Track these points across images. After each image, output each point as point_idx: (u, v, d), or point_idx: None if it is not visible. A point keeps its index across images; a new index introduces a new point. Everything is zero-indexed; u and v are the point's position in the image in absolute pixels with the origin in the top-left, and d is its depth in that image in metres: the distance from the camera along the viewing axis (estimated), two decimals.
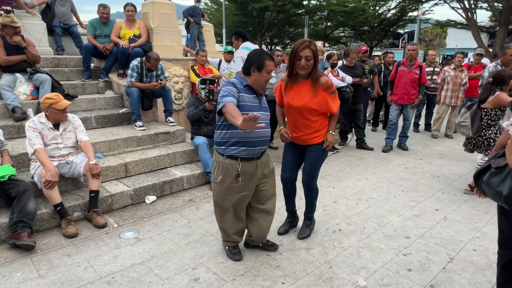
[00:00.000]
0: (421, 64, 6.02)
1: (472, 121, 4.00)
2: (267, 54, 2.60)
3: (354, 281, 2.60)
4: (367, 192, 4.36)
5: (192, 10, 9.31)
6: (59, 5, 6.85)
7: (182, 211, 3.81)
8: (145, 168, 4.37)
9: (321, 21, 26.72)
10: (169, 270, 2.75)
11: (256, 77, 2.58)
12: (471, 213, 3.77)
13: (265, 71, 2.55)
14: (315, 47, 2.74)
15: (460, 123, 4.11)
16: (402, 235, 3.29)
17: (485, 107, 3.93)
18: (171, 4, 6.46)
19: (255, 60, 2.56)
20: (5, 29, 4.50)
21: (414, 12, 23.99)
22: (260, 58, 2.55)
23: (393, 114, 6.22)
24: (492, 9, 16.41)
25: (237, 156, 2.59)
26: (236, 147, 2.58)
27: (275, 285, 2.57)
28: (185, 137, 5.18)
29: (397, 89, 6.10)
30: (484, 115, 3.96)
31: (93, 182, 3.46)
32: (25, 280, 2.61)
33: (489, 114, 3.93)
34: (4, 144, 3.42)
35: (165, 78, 5.24)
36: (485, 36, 26.81)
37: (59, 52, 6.72)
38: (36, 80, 4.70)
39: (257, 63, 2.54)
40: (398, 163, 5.59)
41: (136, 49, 5.70)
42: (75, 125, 3.59)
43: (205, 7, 28.98)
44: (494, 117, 3.94)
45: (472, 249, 3.05)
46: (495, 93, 3.88)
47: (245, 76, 2.64)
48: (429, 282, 2.59)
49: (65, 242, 3.14)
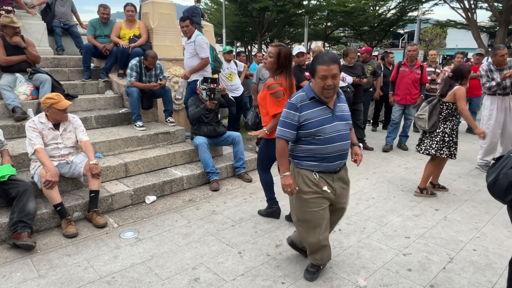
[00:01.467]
0: (422, 64, 6.05)
1: (430, 115, 4.03)
2: (323, 56, 2.22)
3: (354, 281, 2.60)
4: (367, 192, 4.36)
5: (192, 10, 9.31)
6: (59, 5, 6.85)
7: (182, 211, 3.81)
8: (145, 168, 4.37)
9: (321, 21, 26.76)
10: (169, 270, 2.75)
11: (313, 84, 2.30)
12: (471, 213, 3.78)
13: (317, 77, 2.22)
14: (279, 50, 3.03)
15: (418, 116, 4.14)
16: (402, 235, 3.29)
17: (446, 101, 3.99)
18: (171, 4, 6.46)
19: (311, 64, 2.28)
20: (5, 29, 4.50)
21: (414, 12, 24.02)
22: (313, 61, 2.27)
23: (396, 115, 6.23)
24: (492, 9, 16.42)
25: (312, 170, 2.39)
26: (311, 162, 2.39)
27: (275, 285, 2.57)
28: (185, 137, 5.19)
29: (399, 90, 6.10)
30: (445, 108, 4.00)
31: (93, 182, 3.46)
32: (25, 280, 2.61)
33: (450, 108, 3.98)
34: (4, 144, 3.42)
35: (164, 77, 5.25)
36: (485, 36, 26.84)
37: (59, 52, 6.72)
38: (36, 80, 4.70)
39: (311, 68, 2.27)
40: (398, 163, 5.59)
41: (136, 49, 5.70)
42: (75, 125, 3.59)
43: (205, 7, 29.00)
44: (455, 111, 3.99)
45: (472, 249, 3.05)
46: (453, 88, 3.95)
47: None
48: (429, 282, 2.59)
49: (65, 242, 3.15)
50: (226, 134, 4.78)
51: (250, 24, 26.33)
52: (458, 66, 4.11)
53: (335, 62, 2.18)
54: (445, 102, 3.99)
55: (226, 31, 23.35)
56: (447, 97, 3.98)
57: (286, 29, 28.21)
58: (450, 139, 4.01)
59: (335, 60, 2.19)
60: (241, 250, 3.03)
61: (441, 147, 4.02)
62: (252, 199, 4.12)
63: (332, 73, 2.18)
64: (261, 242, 3.15)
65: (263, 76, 5.91)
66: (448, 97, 3.97)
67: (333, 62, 2.17)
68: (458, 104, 3.92)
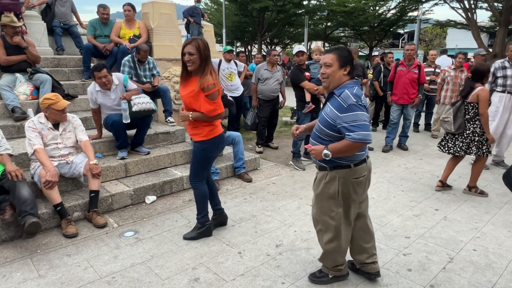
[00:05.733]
0: (419, 64, 6.04)
1: (455, 117, 4.06)
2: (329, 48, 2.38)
3: (354, 281, 2.60)
4: None
5: (192, 10, 9.32)
6: (59, 5, 6.85)
7: (182, 211, 3.81)
8: (145, 168, 4.37)
9: (321, 21, 26.74)
10: (169, 270, 2.75)
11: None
12: (471, 213, 3.78)
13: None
14: (197, 43, 2.76)
15: (443, 119, 4.16)
16: (402, 235, 3.29)
17: (471, 101, 4.01)
18: (171, 4, 6.47)
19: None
20: (4, 29, 4.50)
21: (414, 12, 24.01)
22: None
23: (394, 115, 6.23)
24: (492, 9, 16.42)
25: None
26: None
27: (275, 285, 2.57)
28: (185, 137, 5.19)
29: (397, 89, 6.11)
30: (471, 108, 4.03)
31: (93, 182, 3.46)
32: (25, 280, 2.61)
33: (475, 107, 4.00)
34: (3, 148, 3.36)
35: (158, 73, 5.28)
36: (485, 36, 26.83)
37: (59, 52, 6.72)
38: (36, 80, 4.70)
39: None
40: (398, 163, 5.59)
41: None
42: (75, 125, 3.59)
43: (205, 7, 29.00)
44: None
45: (472, 249, 3.05)
46: (475, 88, 3.97)
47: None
48: (429, 282, 2.59)
49: (65, 242, 3.14)
50: (226, 134, 4.78)
51: (250, 24, 26.33)
52: (476, 66, 4.11)
53: (328, 52, 2.27)
54: (469, 102, 4.01)
55: (226, 31, 23.33)
56: (470, 97, 3.99)
57: (286, 29, 28.21)
58: (481, 138, 4.04)
59: (330, 51, 2.27)
60: (241, 250, 3.02)
61: (471, 146, 4.07)
62: (252, 199, 4.12)
63: (323, 61, 2.27)
64: (261, 242, 3.15)
65: (262, 76, 5.92)
66: (471, 97, 3.98)
67: (327, 52, 2.28)
68: (479, 107, 3.94)
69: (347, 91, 2.15)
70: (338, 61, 2.21)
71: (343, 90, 2.17)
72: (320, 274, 2.60)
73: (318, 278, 2.58)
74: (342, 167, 2.25)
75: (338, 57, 2.21)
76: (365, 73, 6.29)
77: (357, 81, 2.31)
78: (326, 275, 2.57)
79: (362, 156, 2.28)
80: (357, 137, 2.06)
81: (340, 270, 2.54)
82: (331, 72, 2.22)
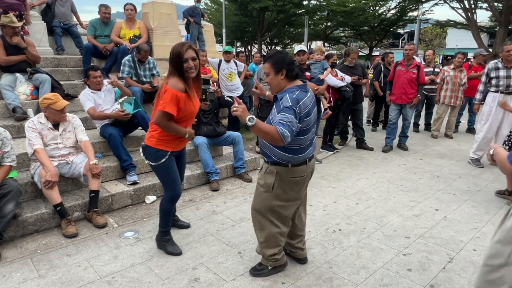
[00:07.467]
0: (418, 64, 6.03)
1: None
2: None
3: (355, 281, 2.61)
4: (367, 192, 4.36)
5: (192, 10, 9.31)
6: (59, 5, 6.85)
7: (182, 211, 3.81)
8: (145, 168, 4.37)
9: (321, 21, 26.77)
10: (169, 270, 2.75)
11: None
12: (471, 213, 3.78)
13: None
14: (193, 48, 2.62)
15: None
16: (402, 235, 3.29)
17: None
18: (171, 4, 6.47)
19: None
20: (4, 30, 4.50)
21: (414, 12, 24.03)
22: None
23: (392, 114, 6.23)
24: (492, 9, 16.43)
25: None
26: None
27: (275, 285, 2.57)
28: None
29: (395, 89, 6.11)
30: None
31: (93, 182, 3.46)
32: (25, 280, 2.61)
33: None
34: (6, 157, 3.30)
35: (157, 73, 5.32)
36: (485, 36, 26.83)
37: (59, 52, 6.73)
38: (36, 80, 4.70)
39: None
40: (398, 163, 5.59)
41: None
42: (75, 125, 3.59)
43: (205, 7, 29.01)
44: None
45: (472, 249, 3.05)
46: None
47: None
48: (429, 282, 2.59)
49: (65, 242, 3.14)
50: (226, 134, 4.78)
51: (250, 24, 26.35)
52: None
53: (265, 61, 2.38)
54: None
55: (226, 31, 23.34)
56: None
57: (286, 29, 28.24)
58: None
59: (266, 59, 2.37)
60: (241, 250, 3.02)
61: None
62: (252, 199, 4.11)
63: (263, 71, 2.42)
64: None
65: (263, 77, 5.92)
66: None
67: (264, 61, 2.41)
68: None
69: (287, 96, 2.26)
70: (273, 68, 2.32)
71: (284, 94, 2.29)
72: (260, 266, 2.70)
73: (259, 271, 2.67)
74: (280, 164, 2.40)
75: (272, 65, 2.32)
76: (364, 73, 6.28)
77: (302, 85, 2.36)
78: (265, 267, 2.67)
79: (301, 158, 2.41)
80: (280, 131, 2.15)
81: (277, 260, 2.64)
82: (269, 80, 2.38)
